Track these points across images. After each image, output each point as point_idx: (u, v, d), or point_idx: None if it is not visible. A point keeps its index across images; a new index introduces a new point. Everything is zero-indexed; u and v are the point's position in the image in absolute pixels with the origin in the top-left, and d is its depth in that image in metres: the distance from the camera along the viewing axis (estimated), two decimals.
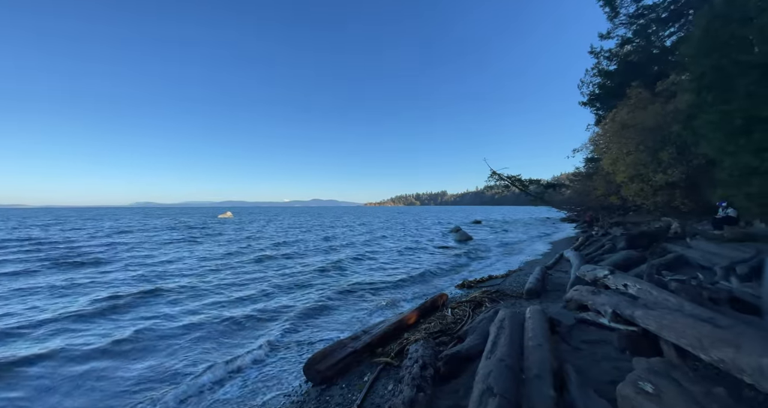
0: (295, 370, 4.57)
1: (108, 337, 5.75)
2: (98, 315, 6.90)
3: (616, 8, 20.37)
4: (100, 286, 9.35)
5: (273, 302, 7.81)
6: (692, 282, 4.36)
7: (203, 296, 8.37)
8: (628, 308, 3.72)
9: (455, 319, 5.73)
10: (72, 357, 5.03)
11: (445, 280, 10.27)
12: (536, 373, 2.85)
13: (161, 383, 4.38)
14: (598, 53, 22.75)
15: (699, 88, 9.43)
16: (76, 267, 12.07)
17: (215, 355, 5.13)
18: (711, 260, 7.06)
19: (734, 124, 8.36)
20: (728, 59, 8.37)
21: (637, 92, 17.45)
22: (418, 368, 3.41)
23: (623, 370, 2.94)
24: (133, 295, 8.19)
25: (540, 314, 4.25)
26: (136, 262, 13.18)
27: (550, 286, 7.55)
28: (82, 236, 23.16)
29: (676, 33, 19.37)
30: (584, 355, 3.62)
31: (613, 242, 11.54)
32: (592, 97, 24.41)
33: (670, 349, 2.96)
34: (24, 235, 23.03)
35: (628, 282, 4.69)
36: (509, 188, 28.05)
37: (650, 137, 15.44)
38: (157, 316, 6.80)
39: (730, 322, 2.62)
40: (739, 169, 8.68)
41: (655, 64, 19.97)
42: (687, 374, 2.20)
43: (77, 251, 15.62)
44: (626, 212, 21.91)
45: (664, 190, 15.63)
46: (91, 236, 23.25)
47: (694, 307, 3.33)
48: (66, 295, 8.45)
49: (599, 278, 5.51)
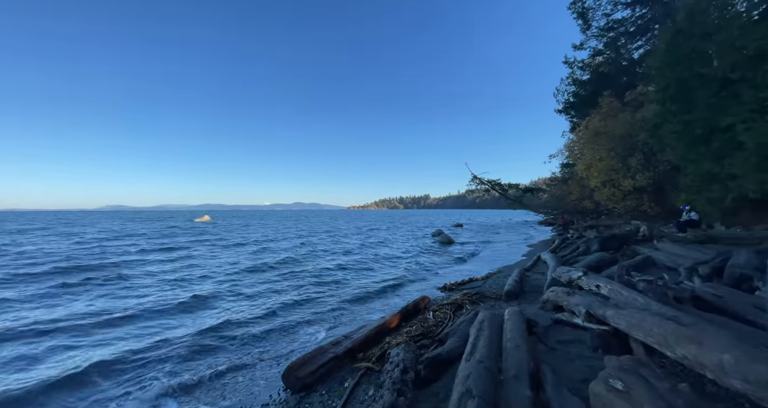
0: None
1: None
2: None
3: (588, 21, 21.39)
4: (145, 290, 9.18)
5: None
6: (658, 282, 4.56)
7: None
8: (600, 308, 3.86)
9: (437, 321, 5.76)
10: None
11: (426, 283, 10.33)
12: (514, 373, 2.91)
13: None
14: (572, 63, 23.75)
15: (664, 98, 9.98)
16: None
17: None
18: (676, 261, 7.44)
19: (695, 133, 8.89)
20: (690, 72, 8.92)
21: (608, 101, 18.30)
22: (398, 372, 3.40)
23: (596, 368, 3.04)
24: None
25: (518, 315, 4.34)
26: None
27: (528, 287, 7.74)
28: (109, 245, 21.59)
29: (643, 46, 20.52)
30: (559, 354, 3.72)
31: (587, 245, 11.98)
32: (567, 105, 25.42)
33: (639, 347, 3.09)
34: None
35: (601, 283, 4.86)
36: (489, 192, 28.67)
37: (620, 144, 16.21)
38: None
39: (692, 320, 2.76)
40: (701, 175, 9.23)
41: (624, 75, 21.05)
42: (654, 371, 2.30)
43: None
44: (599, 216, 22.83)
45: (632, 194, 16.42)
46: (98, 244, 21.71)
47: (660, 306, 3.49)
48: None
49: (574, 280, 5.70)
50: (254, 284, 10.06)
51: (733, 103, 8.03)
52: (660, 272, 6.90)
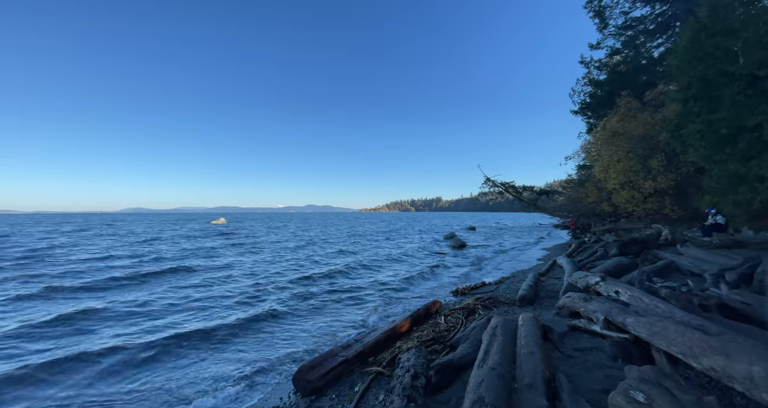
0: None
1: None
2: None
3: (606, 20, 20.90)
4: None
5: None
6: (682, 289, 4.37)
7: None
8: (619, 315, 3.72)
9: (448, 326, 5.67)
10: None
11: (438, 287, 10.21)
12: (528, 381, 2.82)
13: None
14: (588, 63, 23.22)
15: (686, 97, 9.62)
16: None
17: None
18: (701, 267, 7.13)
19: (720, 133, 8.52)
20: (714, 70, 8.57)
21: (626, 101, 17.79)
22: (409, 378, 3.35)
23: (615, 378, 2.92)
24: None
25: (532, 321, 4.22)
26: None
27: (543, 292, 7.54)
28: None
29: (663, 44, 19.89)
30: (576, 362, 3.59)
31: (605, 249, 11.62)
32: (584, 106, 24.82)
33: (661, 357, 2.95)
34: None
35: (620, 289, 4.69)
36: (503, 195, 28.21)
37: (640, 145, 15.72)
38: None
39: (719, 330, 2.62)
40: (727, 176, 8.83)
41: (643, 74, 20.44)
42: (678, 383, 2.19)
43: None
44: (618, 219, 22.15)
45: (653, 197, 15.86)
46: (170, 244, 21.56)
47: (685, 314, 3.33)
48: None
49: (591, 285, 5.52)
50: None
51: (761, 102, 7.69)
52: (684, 278, 6.62)
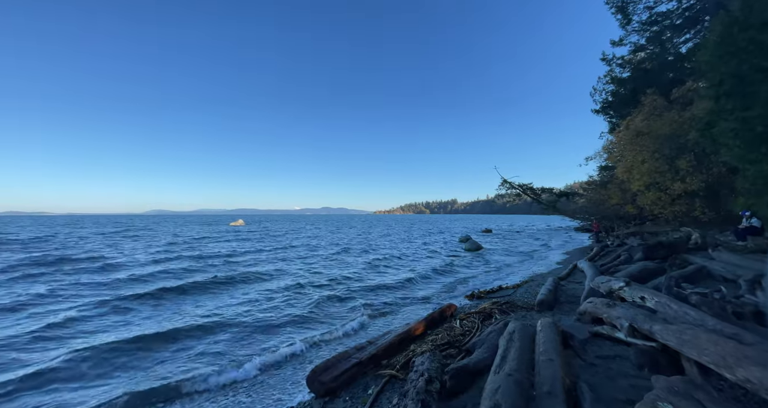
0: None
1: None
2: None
3: (629, 15, 20.16)
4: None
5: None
6: (715, 295, 4.13)
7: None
8: (645, 322, 3.54)
9: (463, 330, 5.56)
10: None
11: (453, 291, 10.07)
12: (547, 389, 2.71)
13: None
14: (610, 60, 22.48)
15: (717, 94, 9.15)
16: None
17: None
18: (734, 272, 6.72)
19: (755, 132, 8.05)
20: (748, 65, 8.12)
21: (651, 99, 17.10)
22: (423, 382, 3.29)
23: (641, 388, 2.77)
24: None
25: (552, 327, 4.08)
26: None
27: (563, 297, 7.30)
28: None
29: (691, 39, 19.01)
30: (599, 371, 3.44)
31: (630, 253, 11.16)
32: (605, 105, 24.03)
33: (692, 366, 2.78)
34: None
35: (646, 294, 4.47)
36: (521, 197, 27.58)
37: (666, 145, 15.04)
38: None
39: (756, 339, 2.45)
40: (763, 177, 8.32)
41: (669, 71, 19.58)
42: (711, 395, 2.05)
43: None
44: (643, 222, 21.25)
45: (682, 199, 15.11)
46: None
47: (717, 322, 3.14)
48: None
49: (614, 290, 5.29)
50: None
51: None
52: (716, 284, 6.26)
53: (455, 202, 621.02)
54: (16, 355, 5.44)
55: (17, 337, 6.09)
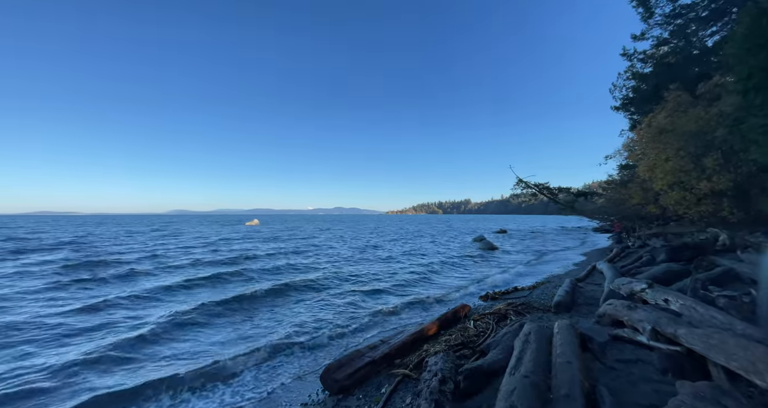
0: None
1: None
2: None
3: (651, 8, 19.45)
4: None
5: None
6: (744, 299, 3.93)
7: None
8: (669, 326, 3.42)
9: (477, 331, 5.50)
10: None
11: (466, 292, 9.95)
12: (565, 392, 2.65)
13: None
14: (631, 55, 21.73)
15: (746, 89, 8.75)
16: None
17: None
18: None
19: None
20: None
21: (675, 95, 16.44)
22: (436, 382, 3.27)
23: (664, 393, 2.68)
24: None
25: (569, 329, 3.98)
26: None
27: (581, 299, 7.12)
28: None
29: (718, 32, 18.18)
30: (620, 375, 3.33)
31: (652, 254, 10.77)
32: (626, 102, 23.24)
33: (719, 372, 2.67)
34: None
35: (670, 297, 4.31)
36: (537, 197, 27.00)
37: (692, 142, 14.43)
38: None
39: None
40: None
41: (695, 65, 18.78)
42: (739, 401, 1.96)
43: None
44: (666, 222, 20.45)
45: (709, 198, 14.45)
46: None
47: (747, 326, 2.99)
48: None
49: (636, 292, 5.12)
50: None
51: None
52: (745, 288, 5.95)
53: (469, 202, 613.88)
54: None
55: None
